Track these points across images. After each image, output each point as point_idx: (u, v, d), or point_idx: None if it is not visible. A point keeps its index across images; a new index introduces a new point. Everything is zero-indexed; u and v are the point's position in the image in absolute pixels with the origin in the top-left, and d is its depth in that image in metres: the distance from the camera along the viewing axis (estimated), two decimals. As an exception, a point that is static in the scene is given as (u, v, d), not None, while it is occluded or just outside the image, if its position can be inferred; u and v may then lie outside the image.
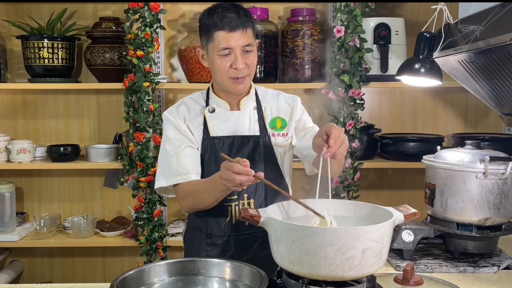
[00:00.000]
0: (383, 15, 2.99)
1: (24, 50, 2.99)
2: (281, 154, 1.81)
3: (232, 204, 1.74)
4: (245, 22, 1.65)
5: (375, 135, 3.02)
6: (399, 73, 2.11)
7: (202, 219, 1.79)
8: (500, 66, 1.75)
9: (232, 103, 1.79)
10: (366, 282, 1.29)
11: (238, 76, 1.67)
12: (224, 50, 1.64)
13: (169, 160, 1.73)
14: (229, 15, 1.63)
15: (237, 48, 1.64)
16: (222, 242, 1.76)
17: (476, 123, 3.25)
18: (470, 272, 1.70)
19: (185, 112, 1.78)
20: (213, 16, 1.65)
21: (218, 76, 1.70)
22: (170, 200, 3.25)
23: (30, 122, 3.26)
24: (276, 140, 1.80)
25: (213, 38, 1.65)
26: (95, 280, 3.32)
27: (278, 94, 1.88)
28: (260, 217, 1.32)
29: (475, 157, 1.72)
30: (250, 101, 1.81)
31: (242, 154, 1.73)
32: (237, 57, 1.65)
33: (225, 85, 1.71)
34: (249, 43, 1.66)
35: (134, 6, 2.78)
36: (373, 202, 1.49)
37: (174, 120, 1.76)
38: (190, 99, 1.83)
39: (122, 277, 1.27)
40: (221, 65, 1.66)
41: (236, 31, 1.63)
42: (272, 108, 1.84)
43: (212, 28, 1.64)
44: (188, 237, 1.89)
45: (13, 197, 3.02)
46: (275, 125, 1.81)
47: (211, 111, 1.78)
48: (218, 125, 1.76)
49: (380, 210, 1.40)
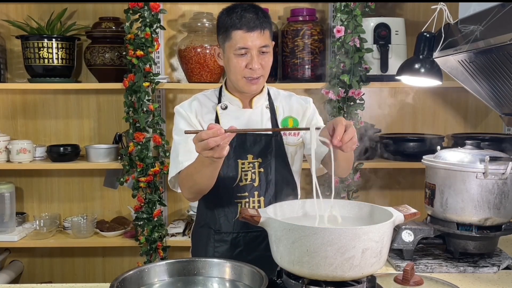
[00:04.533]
0: (383, 15, 2.99)
1: (24, 50, 2.99)
2: (292, 153, 1.82)
3: (242, 201, 1.75)
4: (263, 23, 1.66)
5: (375, 135, 3.02)
6: (399, 73, 2.11)
7: (211, 216, 1.79)
8: (500, 66, 1.75)
9: (245, 101, 1.80)
10: (366, 282, 1.29)
11: (252, 76, 1.69)
12: (240, 50, 1.65)
13: (178, 149, 1.73)
14: (248, 15, 1.65)
15: (254, 48, 1.66)
16: (231, 238, 1.77)
17: (476, 123, 3.25)
18: (470, 272, 1.70)
19: (197, 107, 1.79)
20: (232, 15, 1.66)
21: (232, 75, 1.71)
22: (170, 200, 3.25)
23: (30, 122, 3.26)
24: (287, 139, 1.81)
25: (231, 37, 1.66)
26: (95, 280, 3.32)
27: (290, 95, 1.90)
28: (260, 217, 1.32)
29: (475, 157, 1.72)
30: (263, 100, 1.82)
31: (253, 151, 1.74)
32: (253, 58, 1.66)
33: (239, 85, 1.72)
34: (266, 44, 1.68)
35: (134, 6, 2.78)
36: (373, 202, 1.49)
37: (185, 114, 1.77)
38: (203, 95, 1.84)
39: (122, 277, 1.27)
40: (237, 64, 1.67)
41: (254, 32, 1.64)
42: (285, 108, 1.85)
43: (230, 27, 1.65)
44: (196, 234, 1.89)
45: (13, 197, 3.01)
46: (286, 124, 1.82)
47: (224, 108, 1.79)
48: (230, 122, 1.76)
49: (380, 210, 1.39)
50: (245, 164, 1.75)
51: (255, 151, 1.75)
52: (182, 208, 3.29)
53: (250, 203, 1.75)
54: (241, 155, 1.75)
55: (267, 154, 1.75)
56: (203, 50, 2.90)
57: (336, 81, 2.82)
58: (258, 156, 1.75)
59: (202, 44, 2.91)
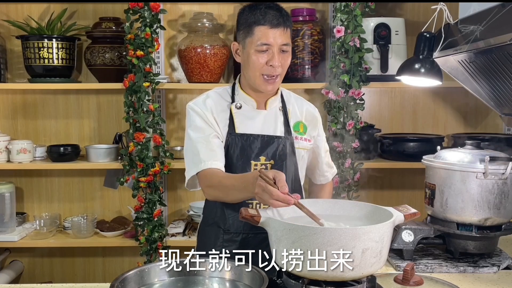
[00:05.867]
0: (383, 15, 2.99)
1: (24, 50, 2.99)
2: (302, 156, 1.84)
3: (253, 202, 1.75)
4: (286, 21, 1.68)
5: (375, 135, 3.02)
6: (399, 73, 2.11)
7: (221, 215, 1.79)
8: (500, 66, 1.75)
9: (260, 101, 1.80)
10: (366, 282, 1.29)
11: (272, 74, 1.69)
12: (262, 46, 1.66)
13: (197, 147, 1.71)
14: (272, 12, 1.66)
15: (275, 45, 1.66)
16: (241, 239, 1.77)
17: (476, 123, 3.25)
18: (470, 272, 1.70)
19: (212, 105, 1.78)
20: (255, 11, 1.67)
21: (251, 71, 1.71)
22: (170, 200, 3.25)
23: (30, 122, 3.25)
24: (298, 143, 1.82)
25: (253, 33, 1.66)
26: (95, 280, 3.32)
27: (301, 100, 1.91)
28: (260, 217, 1.32)
29: (475, 157, 1.72)
30: (277, 102, 1.83)
31: (266, 153, 1.75)
32: (274, 55, 1.66)
33: (256, 82, 1.72)
34: (287, 43, 1.69)
35: (134, 6, 2.77)
36: (373, 202, 1.49)
37: (201, 112, 1.76)
38: (215, 93, 1.83)
39: (122, 277, 1.27)
40: (257, 60, 1.68)
41: (277, 28, 1.65)
42: (296, 112, 1.86)
43: (254, 23, 1.66)
44: (203, 232, 1.88)
45: (13, 197, 3.01)
46: (298, 129, 1.83)
47: (238, 107, 1.78)
48: (244, 122, 1.77)
49: (380, 210, 1.40)
50: (257, 166, 1.75)
51: (268, 153, 1.75)
52: (182, 208, 3.29)
53: (261, 204, 1.74)
54: (254, 156, 1.75)
55: (279, 156, 1.76)
56: (203, 50, 2.90)
57: (336, 81, 2.82)
58: (271, 158, 1.75)
59: (202, 44, 2.91)
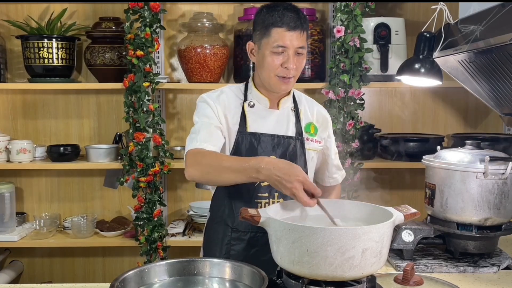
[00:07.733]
0: (383, 15, 2.99)
1: (24, 50, 2.99)
2: (311, 157, 1.84)
3: (262, 202, 1.74)
4: (303, 24, 1.68)
5: (375, 135, 3.02)
6: (399, 73, 2.11)
7: (229, 213, 1.79)
8: (500, 66, 1.75)
9: (273, 100, 1.80)
10: (366, 282, 1.29)
11: (287, 75, 1.69)
12: (278, 48, 1.66)
13: (199, 130, 1.71)
14: (290, 14, 1.66)
15: (291, 48, 1.66)
16: (249, 237, 1.76)
17: (476, 123, 3.25)
18: (470, 272, 1.70)
19: (225, 101, 1.78)
20: (273, 13, 1.67)
21: (265, 72, 1.71)
22: (170, 200, 3.25)
23: (30, 122, 3.26)
24: (309, 144, 1.82)
25: (269, 34, 1.66)
26: (95, 280, 3.32)
27: (312, 101, 1.91)
28: (260, 217, 1.32)
29: (475, 157, 1.72)
30: (289, 102, 1.83)
31: (276, 153, 1.74)
32: (290, 57, 1.66)
33: (271, 83, 1.72)
34: (303, 46, 1.69)
35: (134, 6, 2.77)
36: (373, 202, 1.49)
37: (213, 104, 1.76)
38: (230, 90, 1.83)
39: (122, 277, 1.27)
40: (272, 62, 1.68)
41: (294, 31, 1.65)
42: (308, 113, 1.86)
43: (271, 24, 1.66)
44: (211, 230, 1.87)
45: (13, 197, 3.01)
46: (309, 130, 1.83)
47: (251, 106, 1.78)
48: (257, 121, 1.76)
49: (380, 210, 1.40)
50: None
51: (278, 152, 1.75)
52: (182, 208, 3.29)
53: (270, 204, 1.74)
54: (264, 155, 1.73)
55: (290, 157, 1.75)
56: (203, 50, 2.90)
57: (336, 81, 2.82)
58: (281, 158, 1.73)
59: (202, 44, 2.91)
